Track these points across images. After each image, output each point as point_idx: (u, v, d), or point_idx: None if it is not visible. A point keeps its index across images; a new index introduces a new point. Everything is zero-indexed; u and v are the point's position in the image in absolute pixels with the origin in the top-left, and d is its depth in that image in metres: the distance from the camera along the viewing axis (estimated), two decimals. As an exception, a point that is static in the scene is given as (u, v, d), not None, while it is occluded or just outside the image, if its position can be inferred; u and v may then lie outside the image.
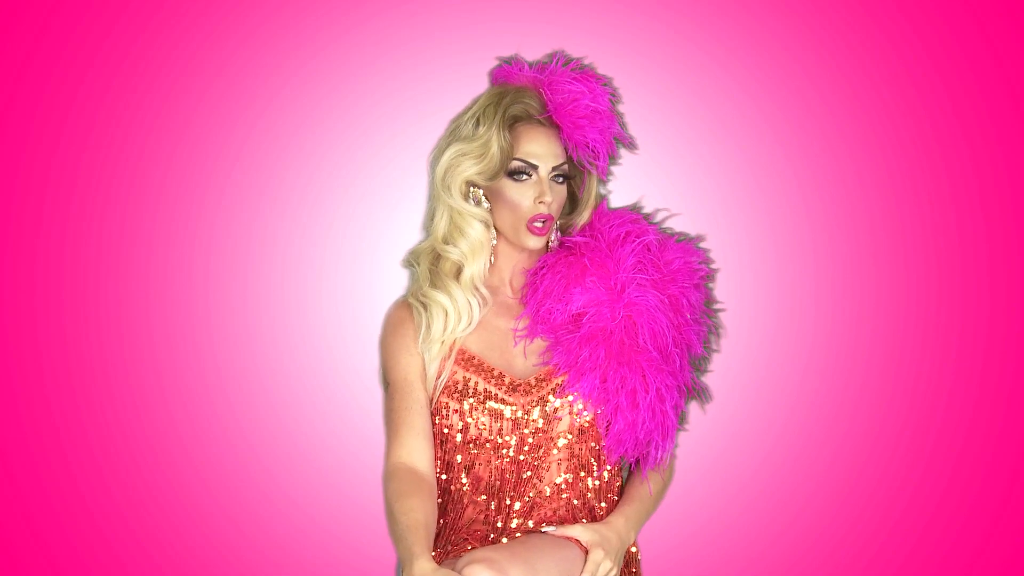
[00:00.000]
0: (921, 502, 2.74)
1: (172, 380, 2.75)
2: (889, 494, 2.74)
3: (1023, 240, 2.72)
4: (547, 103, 2.49)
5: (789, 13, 2.71)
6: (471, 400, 2.48)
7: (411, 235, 2.64)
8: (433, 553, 2.45)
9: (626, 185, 2.68)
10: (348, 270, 2.75)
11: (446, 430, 2.49)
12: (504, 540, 2.47)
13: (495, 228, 2.54)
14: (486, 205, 2.52)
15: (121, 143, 2.73)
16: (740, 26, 2.71)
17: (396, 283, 2.64)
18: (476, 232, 2.51)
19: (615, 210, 2.60)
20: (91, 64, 2.72)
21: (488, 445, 2.48)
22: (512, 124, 2.49)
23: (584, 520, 2.50)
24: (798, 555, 2.76)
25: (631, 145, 2.60)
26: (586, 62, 2.59)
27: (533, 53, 2.59)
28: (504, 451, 2.48)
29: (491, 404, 2.48)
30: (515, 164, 2.48)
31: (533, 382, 2.49)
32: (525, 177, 2.48)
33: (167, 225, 2.74)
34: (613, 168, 2.63)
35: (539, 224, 2.48)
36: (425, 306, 2.51)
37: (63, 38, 2.71)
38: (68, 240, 2.74)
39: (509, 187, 2.48)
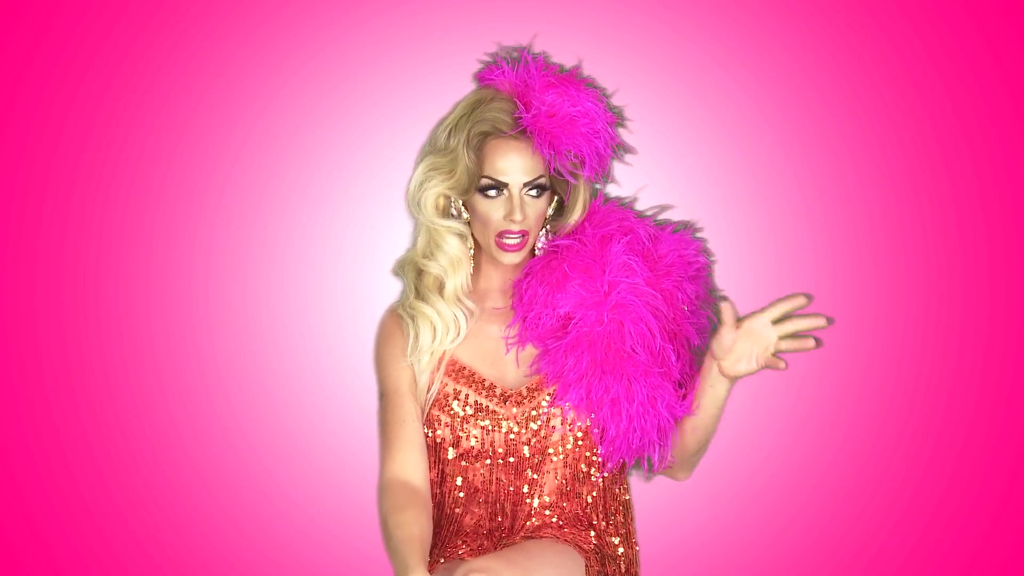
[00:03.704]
0: (921, 502, 2.74)
1: (172, 380, 2.75)
2: (889, 494, 2.74)
3: (1023, 240, 2.72)
4: (521, 114, 2.43)
5: (789, 13, 2.71)
6: (462, 413, 2.47)
7: (411, 236, 2.64)
8: (430, 560, 2.45)
9: (626, 185, 2.67)
10: (348, 270, 2.75)
11: (438, 442, 2.48)
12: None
13: (475, 238, 2.52)
14: (466, 216, 2.50)
15: (121, 143, 2.73)
16: (740, 26, 2.70)
17: (396, 284, 2.64)
18: (452, 247, 2.49)
19: (606, 207, 2.56)
20: (91, 64, 2.71)
21: (481, 456, 2.47)
22: (483, 139, 2.44)
23: (586, 531, 2.49)
24: (798, 555, 2.75)
25: (621, 148, 2.57)
26: (574, 64, 2.58)
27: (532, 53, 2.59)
28: (498, 462, 2.47)
29: (482, 416, 2.47)
30: (484, 182, 2.44)
31: (525, 392, 2.48)
32: (496, 193, 2.44)
33: (167, 225, 2.74)
34: (615, 166, 2.62)
35: (508, 240, 2.45)
36: (413, 317, 2.49)
37: (63, 38, 2.71)
38: (68, 240, 2.74)
39: (480, 202, 2.45)
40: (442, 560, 2.45)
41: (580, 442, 2.48)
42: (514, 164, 2.43)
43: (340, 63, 2.72)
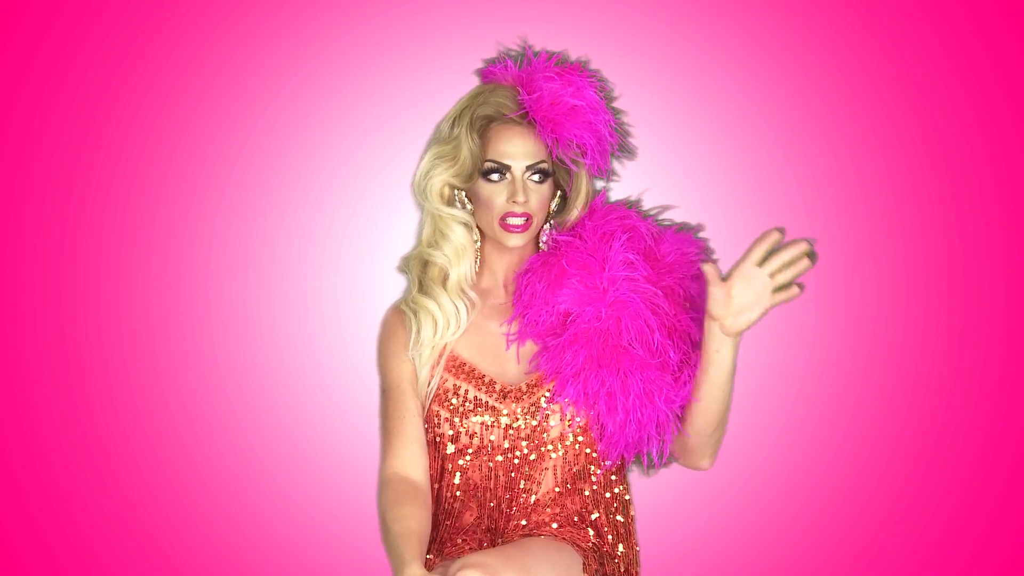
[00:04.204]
0: (921, 502, 2.74)
1: (172, 380, 2.75)
2: (889, 494, 2.74)
3: (1023, 240, 2.72)
4: (523, 101, 2.46)
5: (789, 13, 2.71)
6: (462, 408, 2.47)
7: (411, 235, 2.64)
8: (429, 556, 2.45)
9: (627, 185, 2.67)
10: (348, 270, 2.75)
11: (438, 438, 2.49)
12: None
13: (480, 229, 2.53)
14: (470, 207, 2.52)
15: (121, 143, 2.73)
16: (740, 26, 2.71)
17: (396, 283, 2.64)
18: (457, 236, 2.51)
19: (608, 206, 2.57)
20: (91, 64, 2.72)
21: (480, 453, 2.48)
22: (486, 124, 2.47)
23: (585, 529, 2.49)
24: (798, 555, 2.76)
25: (623, 139, 2.57)
26: (576, 58, 2.58)
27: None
28: (497, 458, 2.47)
29: (481, 411, 2.47)
30: (487, 165, 2.46)
31: (524, 388, 2.48)
32: (499, 177, 2.46)
33: (167, 225, 2.74)
34: (617, 165, 2.62)
35: (513, 221, 2.46)
36: (415, 312, 2.51)
37: (63, 38, 2.71)
38: (68, 240, 2.74)
39: (483, 187, 2.47)
40: (440, 556, 2.45)
41: (579, 438, 2.48)
42: (517, 147, 2.46)
43: (340, 63, 2.72)
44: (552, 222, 2.56)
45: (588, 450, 2.49)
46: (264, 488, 2.76)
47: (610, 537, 2.51)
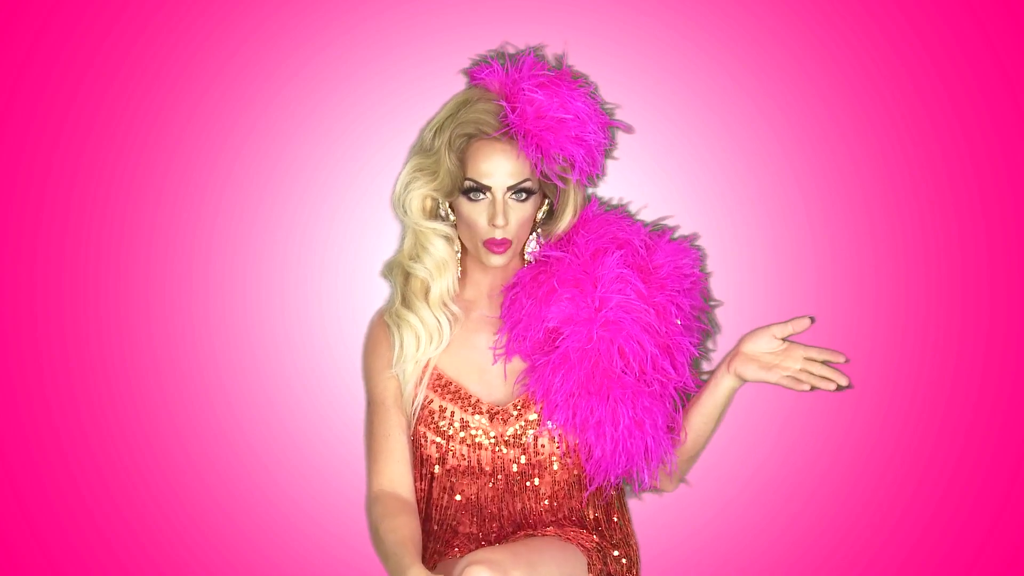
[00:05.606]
0: (921, 502, 2.74)
1: (172, 380, 2.75)
2: (889, 494, 2.74)
3: (1023, 240, 2.72)
4: (507, 115, 2.36)
5: (789, 13, 2.71)
6: (449, 431, 2.45)
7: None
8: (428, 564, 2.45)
9: (625, 185, 2.67)
10: (348, 270, 2.75)
11: (425, 459, 2.47)
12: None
13: (461, 242, 2.47)
14: (453, 219, 2.45)
15: (121, 143, 2.73)
16: (740, 26, 2.70)
17: (396, 283, 2.64)
18: (438, 249, 2.44)
19: (600, 216, 2.50)
20: (91, 64, 2.71)
21: (469, 473, 2.45)
22: (467, 141, 2.38)
23: (587, 533, 2.48)
24: (798, 555, 2.76)
25: (620, 130, 2.53)
26: (568, 62, 2.52)
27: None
28: (485, 479, 2.45)
29: (467, 435, 2.44)
30: (467, 184, 2.38)
31: (511, 410, 2.45)
32: (480, 196, 2.38)
33: (167, 225, 2.74)
34: (611, 164, 2.62)
35: (494, 245, 2.40)
36: (398, 326, 2.47)
37: (63, 38, 2.71)
38: (68, 240, 2.74)
39: (465, 206, 2.40)
40: (438, 559, 2.45)
41: (566, 461, 2.46)
42: (498, 166, 2.37)
43: (340, 63, 2.72)
44: (539, 231, 2.50)
45: (576, 472, 2.47)
46: (264, 488, 2.76)
47: (609, 539, 2.51)
